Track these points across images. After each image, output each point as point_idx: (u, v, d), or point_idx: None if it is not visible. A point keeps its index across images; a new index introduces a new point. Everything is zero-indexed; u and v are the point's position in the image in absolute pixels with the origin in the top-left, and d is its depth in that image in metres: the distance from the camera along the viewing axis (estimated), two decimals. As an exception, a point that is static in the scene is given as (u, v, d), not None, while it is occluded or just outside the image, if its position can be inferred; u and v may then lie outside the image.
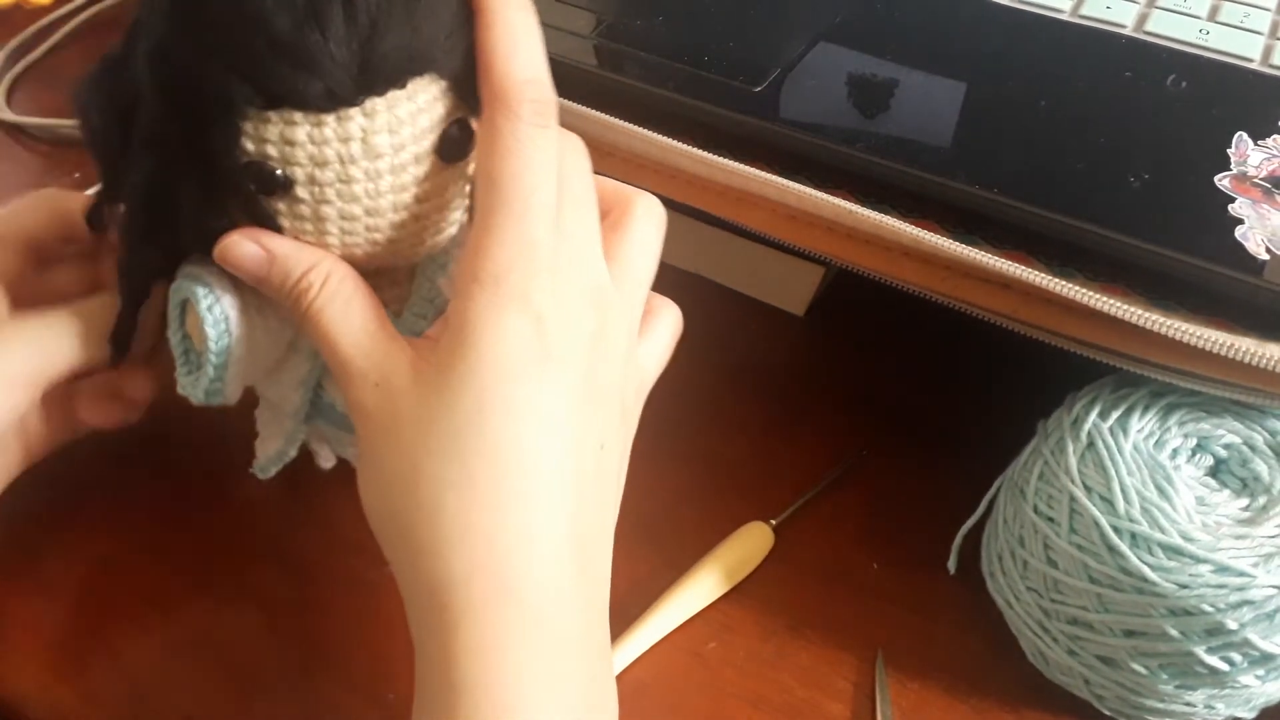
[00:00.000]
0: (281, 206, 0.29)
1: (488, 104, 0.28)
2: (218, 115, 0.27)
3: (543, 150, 0.28)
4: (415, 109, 0.28)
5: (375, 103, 0.27)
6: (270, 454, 0.36)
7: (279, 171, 0.28)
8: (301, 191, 0.28)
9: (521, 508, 0.27)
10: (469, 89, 0.29)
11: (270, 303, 0.32)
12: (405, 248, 0.30)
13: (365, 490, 0.29)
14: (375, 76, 0.27)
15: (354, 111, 0.27)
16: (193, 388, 0.32)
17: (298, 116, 0.27)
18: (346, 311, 0.29)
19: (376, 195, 0.28)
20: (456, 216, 0.31)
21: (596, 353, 0.29)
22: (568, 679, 0.27)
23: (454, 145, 0.29)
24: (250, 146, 0.28)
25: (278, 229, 0.29)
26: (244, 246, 0.29)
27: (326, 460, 0.39)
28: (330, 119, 0.27)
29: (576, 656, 0.27)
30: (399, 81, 0.27)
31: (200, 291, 0.31)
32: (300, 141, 0.27)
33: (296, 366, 0.34)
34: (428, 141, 0.29)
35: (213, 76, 0.27)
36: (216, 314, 0.31)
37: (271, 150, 0.28)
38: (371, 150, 0.28)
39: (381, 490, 0.28)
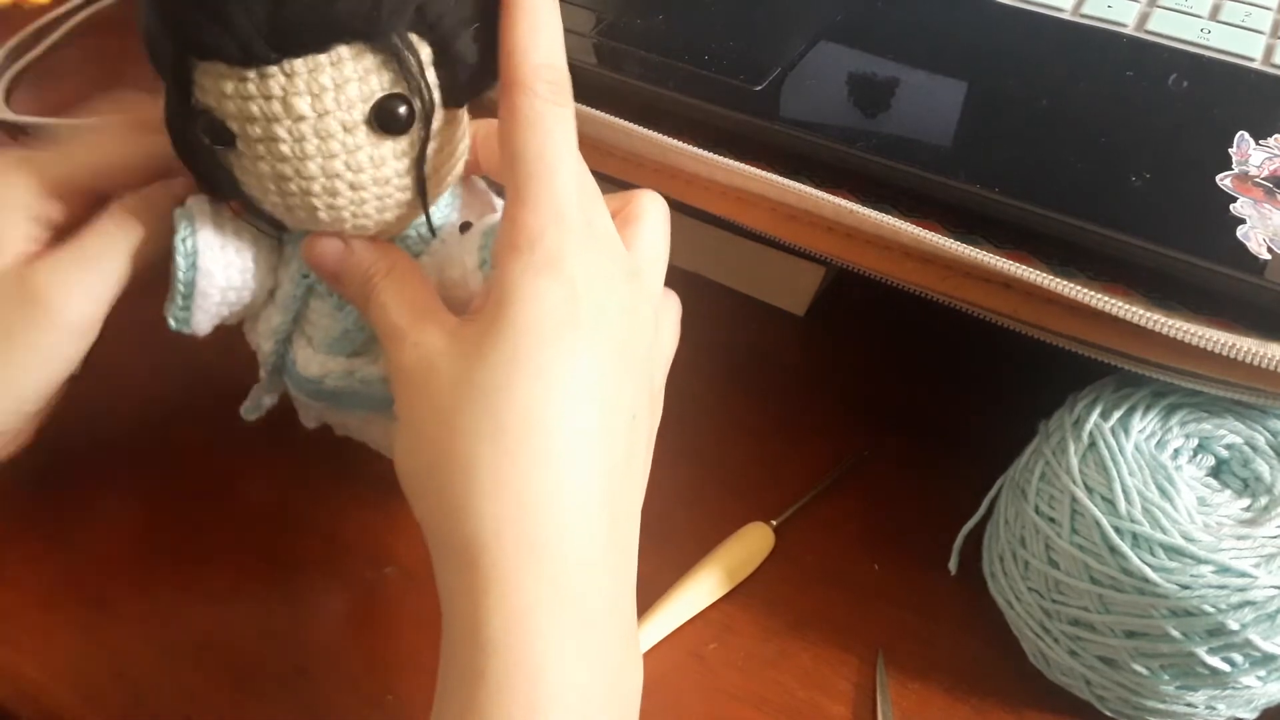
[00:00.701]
0: (232, 160, 0.30)
1: (506, 87, 0.29)
2: (171, 63, 0.29)
3: (563, 124, 0.29)
4: (341, 77, 0.29)
5: (295, 64, 0.28)
6: (251, 399, 0.38)
7: (226, 124, 0.29)
8: (240, 145, 0.29)
9: (552, 465, 0.27)
10: (412, 68, 0.29)
11: (256, 251, 0.34)
12: (348, 217, 0.31)
13: (400, 450, 0.29)
14: (286, 38, 0.28)
15: (274, 70, 0.28)
16: (166, 310, 0.34)
17: (224, 69, 0.28)
18: (400, 287, 0.31)
19: (304, 157, 0.29)
20: (402, 197, 0.31)
21: (628, 325, 0.29)
22: (596, 641, 0.27)
23: (388, 118, 0.30)
24: (199, 96, 0.29)
25: (233, 183, 0.31)
26: (329, 243, 0.32)
27: (307, 420, 0.39)
28: (252, 75, 0.28)
29: (605, 620, 0.27)
30: (318, 47, 0.28)
31: (181, 224, 0.33)
32: (230, 94, 0.28)
33: (269, 317, 0.35)
34: (358, 111, 0.29)
35: (156, 25, 0.29)
36: (188, 246, 0.33)
37: (211, 101, 0.29)
38: (292, 110, 0.28)
39: (416, 448, 0.28)
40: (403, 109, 0.29)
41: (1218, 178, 0.35)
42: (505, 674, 0.25)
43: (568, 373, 0.27)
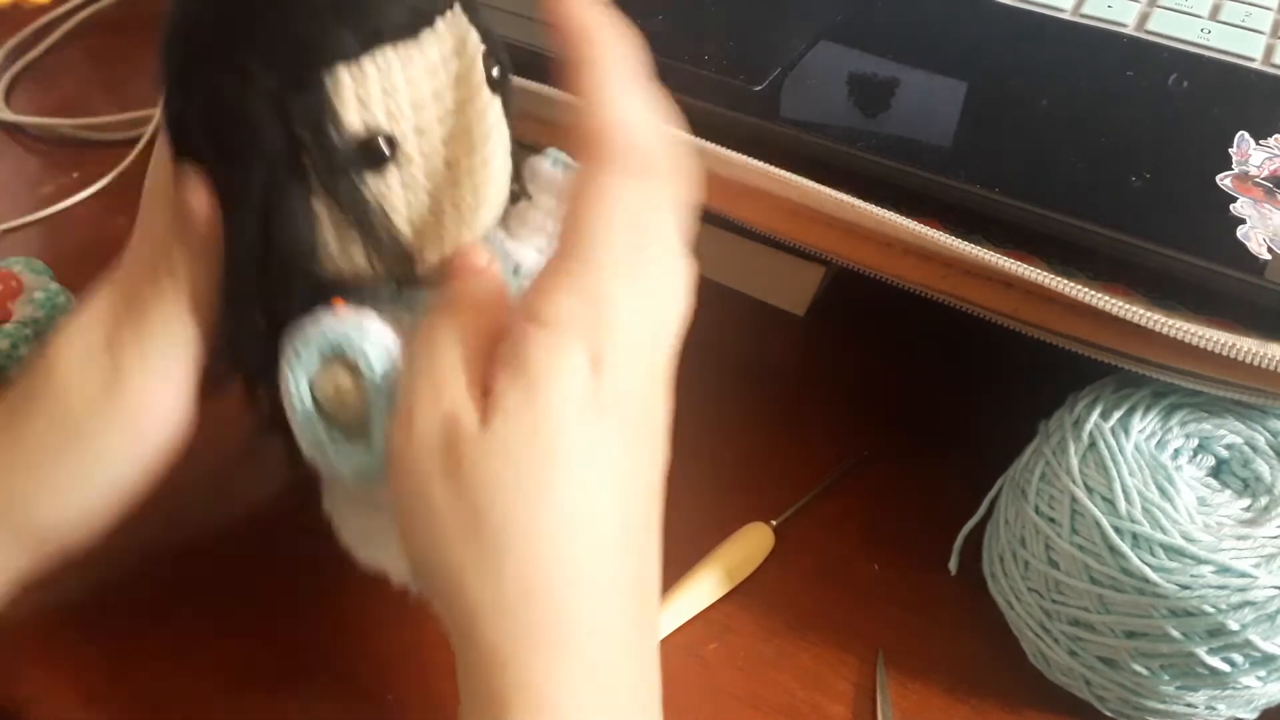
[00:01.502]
0: (390, 184, 0.27)
1: (582, 145, 0.27)
2: (304, 84, 0.25)
3: (627, 204, 0.27)
4: (464, 28, 0.28)
5: (439, 24, 0.27)
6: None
7: (387, 132, 0.26)
8: (405, 150, 0.27)
9: (592, 570, 0.26)
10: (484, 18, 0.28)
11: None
12: (488, 218, 0.29)
13: (412, 541, 0.27)
14: None
15: (431, 32, 0.26)
16: (345, 462, 0.29)
17: (390, 53, 0.26)
18: (460, 336, 0.27)
19: (486, 132, 0.27)
20: (504, 187, 0.30)
21: (650, 397, 0.28)
22: None
23: (497, 72, 0.28)
24: (344, 117, 0.26)
25: (383, 224, 0.27)
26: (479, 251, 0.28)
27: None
28: (415, 50, 0.26)
29: (632, 704, 0.27)
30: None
31: (347, 346, 0.28)
32: (398, 85, 0.26)
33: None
34: (480, 68, 0.28)
35: (293, 43, 0.25)
36: (371, 369, 0.28)
37: (374, 110, 0.26)
38: (466, 73, 0.27)
39: (436, 540, 0.26)
40: (495, 66, 0.28)
41: (1218, 178, 0.35)
42: None
43: (592, 464, 0.26)
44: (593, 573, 0.26)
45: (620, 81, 0.28)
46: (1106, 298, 0.32)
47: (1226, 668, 0.31)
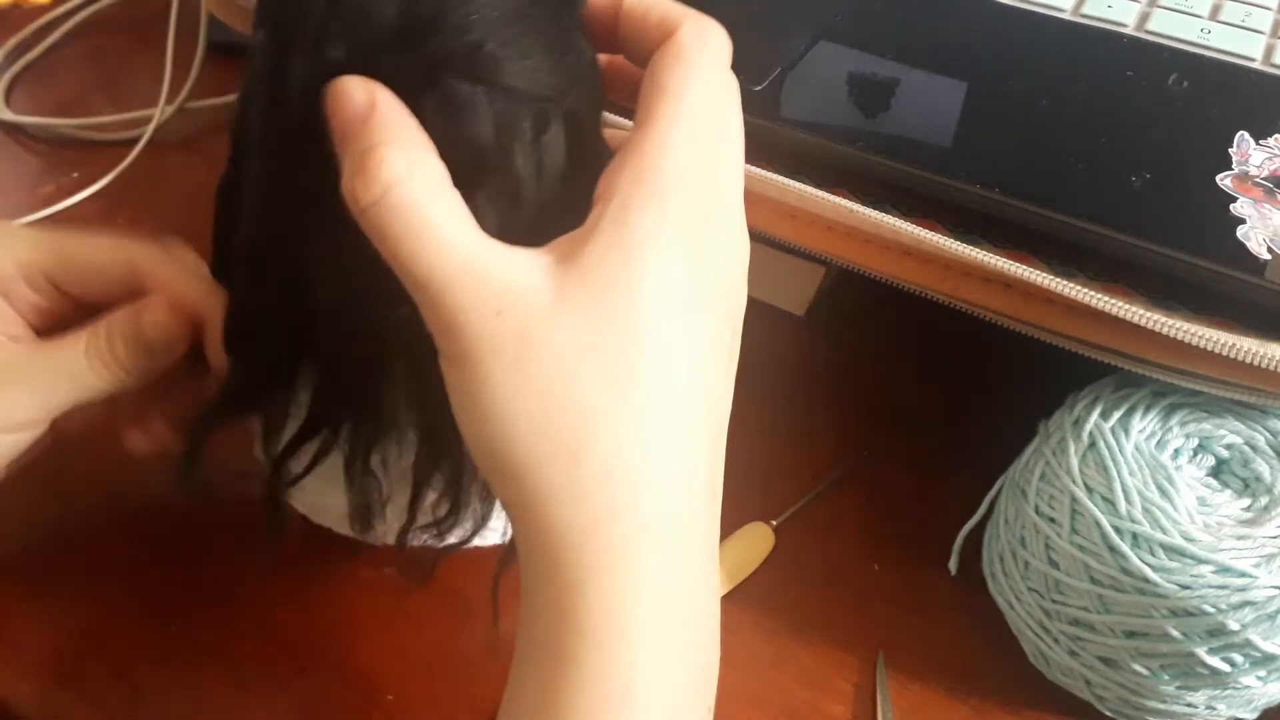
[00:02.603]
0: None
1: (676, 27, 0.27)
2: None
3: (723, 74, 0.27)
4: None
5: None
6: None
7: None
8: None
9: (668, 446, 0.25)
10: None
11: None
12: None
13: (475, 435, 0.25)
14: None
15: None
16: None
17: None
18: (439, 206, 0.24)
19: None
20: None
21: (736, 294, 0.28)
22: (689, 633, 0.26)
23: None
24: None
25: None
26: (355, 86, 0.25)
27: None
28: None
29: (698, 609, 0.26)
30: None
31: None
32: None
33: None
34: None
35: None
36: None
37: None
38: None
39: (500, 432, 0.24)
40: None
41: (1218, 178, 0.35)
42: (600, 661, 0.24)
43: (686, 352, 0.25)
44: (678, 458, 0.25)
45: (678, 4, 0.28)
46: (1106, 298, 0.32)
47: (1226, 667, 0.31)
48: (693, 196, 0.25)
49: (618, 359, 0.24)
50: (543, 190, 0.27)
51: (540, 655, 0.25)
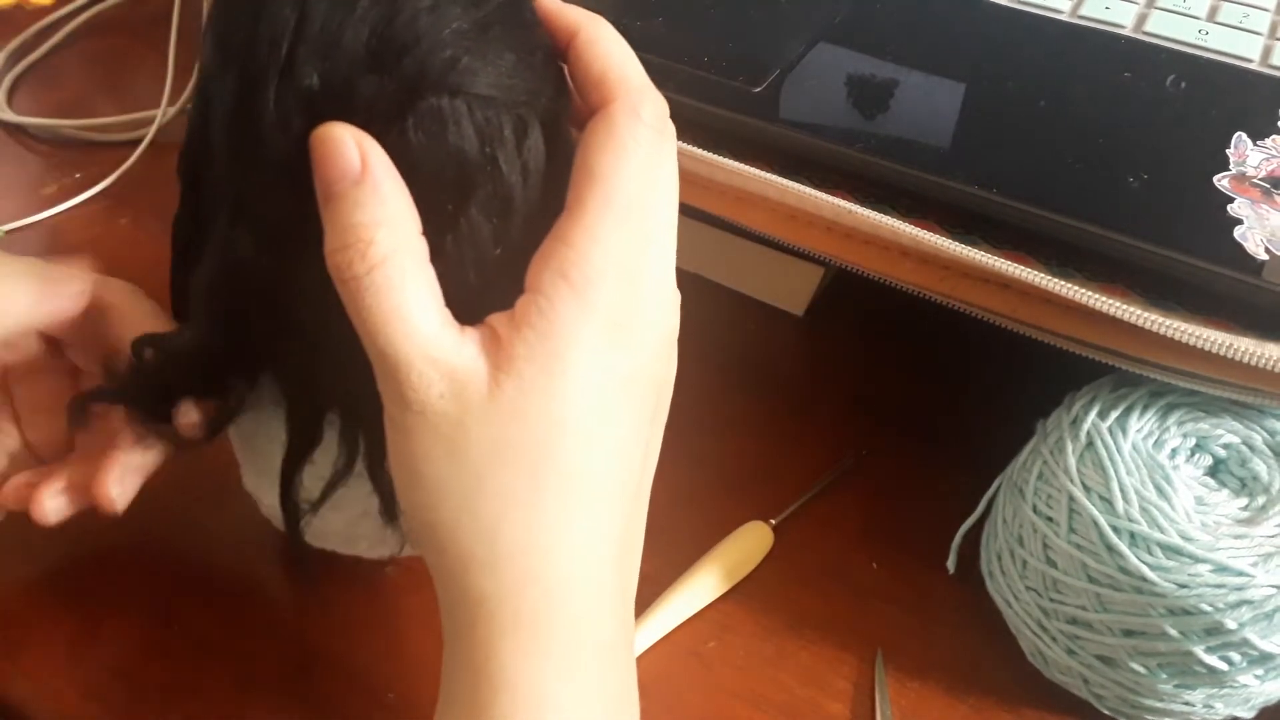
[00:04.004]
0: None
1: (610, 99, 0.27)
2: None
3: (654, 155, 0.27)
4: None
5: None
6: None
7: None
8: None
9: (584, 526, 0.27)
10: None
11: None
12: None
13: (410, 500, 0.27)
14: None
15: None
16: None
17: None
18: (414, 290, 0.25)
19: None
20: None
21: (664, 362, 0.29)
22: (605, 679, 0.28)
23: None
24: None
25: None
26: (347, 139, 0.25)
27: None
28: None
29: (613, 656, 0.28)
30: None
31: None
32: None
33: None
34: None
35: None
36: None
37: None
38: None
39: (432, 503, 0.26)
40: None
41: (1215, 178, 0.36)
42: (514, 707, 0.26)
43: (610, 436, 0.27)
44: (591, 533, 0.27)
45: (626, 50, 0.28)
46: (1104, 298, 0.32)
47: (1224, 666, 0.31)
48: (618, 286, 0.26)
49: (541, 451, 0.26)
50: (530, 194, 0.27)
51: (460, 706, 0.27)
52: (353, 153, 0.25)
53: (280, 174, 0.26)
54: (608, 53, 0.28)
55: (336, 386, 0.29)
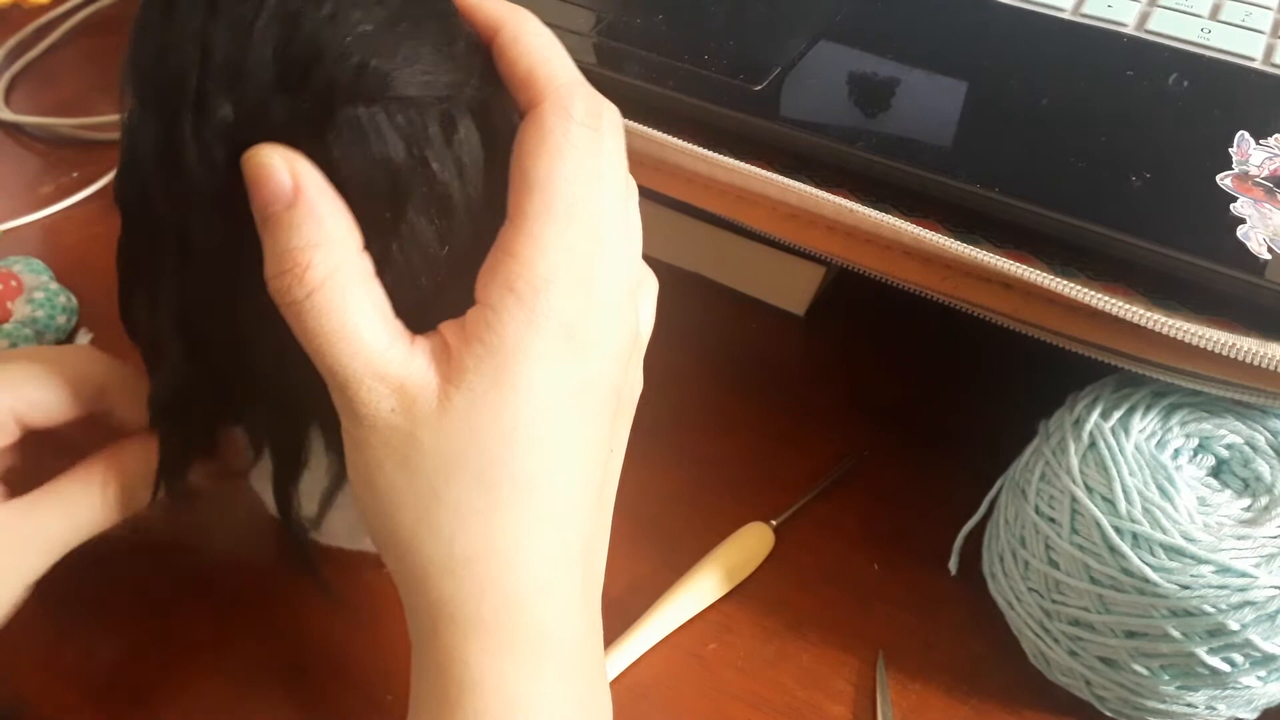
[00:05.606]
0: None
1: (538, 100, 0.27)
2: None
3: (592, 153, 0.27)
4: None
5: None
6: None
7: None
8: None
9: (543, 531, 0.27)
10: None
11: None
12: None
13: (368, 509, 0.27)
14: None
15: None
16: None
17: None
18: (355, 308, 0.25)
19: None
20: None
21: (624, 366, 0.28)
22: (571, 679, 0.27)
23: None
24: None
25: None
26: (277, 163, 0.25)
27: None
28: None
29: (579, 656, 0.28)
30: None
31: None
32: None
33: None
34: None
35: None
36: None
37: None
38: None
39: (389, 512, 0.26)
40: None
41: (1218, 177, 0.35)
42: (484, 710, 0.26)
43: (566, 443, 0.27)
44: (550, 539, 0.27)
45: (551, 45, 0.28)
46: (1107, 298, 0.32)
47: (1226, 668, 0.31)
48: (568, 292, 0.26)
49: (494, 461, 0.26)
50: (470, 189, 0.27)
51: (430, 708, 0.27)
52: (284, 175, 0.25)
53: (214, 207, 0.26)
54: (531, 49, 0.27)
55: (309, 400, 0.28)
